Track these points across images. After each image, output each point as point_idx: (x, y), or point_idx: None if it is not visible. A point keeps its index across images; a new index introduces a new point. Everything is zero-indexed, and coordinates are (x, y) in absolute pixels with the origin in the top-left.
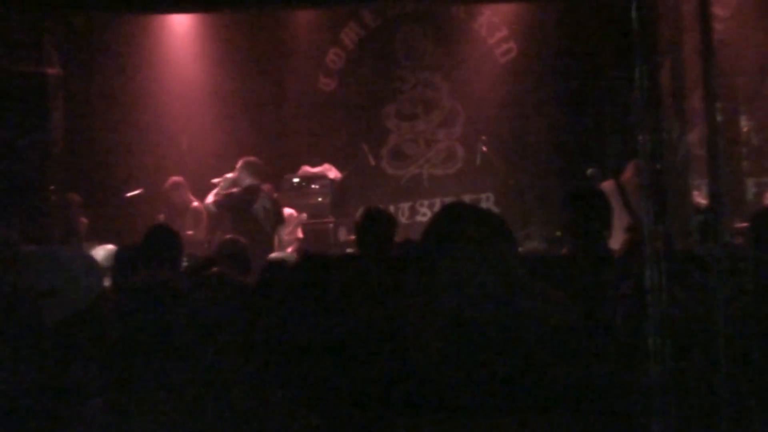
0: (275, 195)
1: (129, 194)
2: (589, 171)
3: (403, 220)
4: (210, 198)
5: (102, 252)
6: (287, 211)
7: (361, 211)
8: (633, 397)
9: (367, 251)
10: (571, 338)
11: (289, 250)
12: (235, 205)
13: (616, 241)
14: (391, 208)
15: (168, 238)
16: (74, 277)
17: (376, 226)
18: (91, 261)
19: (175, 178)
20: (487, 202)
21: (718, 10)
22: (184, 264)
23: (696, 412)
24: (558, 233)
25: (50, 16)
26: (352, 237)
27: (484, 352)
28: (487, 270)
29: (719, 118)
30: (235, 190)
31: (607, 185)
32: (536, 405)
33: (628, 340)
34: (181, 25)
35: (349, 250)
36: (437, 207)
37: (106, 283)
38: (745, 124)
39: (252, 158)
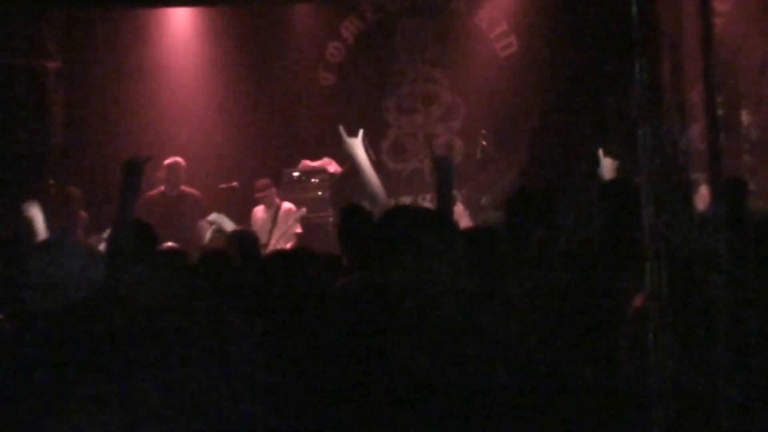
0: None
1: None
2: None
3: None
4: None
5: None
6: (286, 205)
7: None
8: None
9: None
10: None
11: (289, 245)
12: None
13: None
14: (392, 203)
15: (141, 231)
16: (76, 268)
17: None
18: (93, 252)
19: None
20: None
21: (718, 5)
22: None
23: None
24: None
25: (50, 9)
26: None
27: (451, 355)
28: (441, 271)
29: (719, 112)
30: None
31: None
32: (505, 408)
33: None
34: (180, 18)
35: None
36: None
37: None
38: (745, 118)
39: None
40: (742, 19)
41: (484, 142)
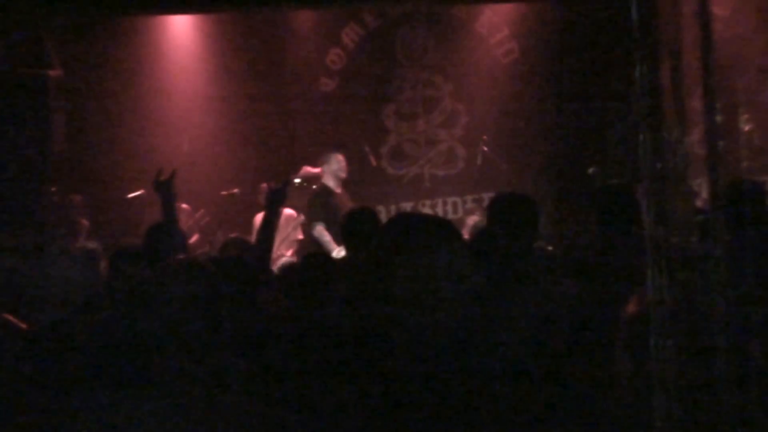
0: None
1: (130, 195)
2: (591, 170)
3: None
4: None
5: None
6: (287, 211)
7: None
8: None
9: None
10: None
11: (289, 252)
12: None
13: None
14: (393, 209)
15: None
16: (68, 272)
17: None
18: (89, 255)
19: None
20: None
21: (718, 10)
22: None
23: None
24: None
25: (50, 17)
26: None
27: (453, 364)
28: (444, 278)
29: (719, 117)
30: None
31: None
32: (505, 418)
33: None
34: (180, 25)
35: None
36: (439, 207)
37: None
38: (744, 124)
39: None
40: (742, 24)
41: (486, 148)
